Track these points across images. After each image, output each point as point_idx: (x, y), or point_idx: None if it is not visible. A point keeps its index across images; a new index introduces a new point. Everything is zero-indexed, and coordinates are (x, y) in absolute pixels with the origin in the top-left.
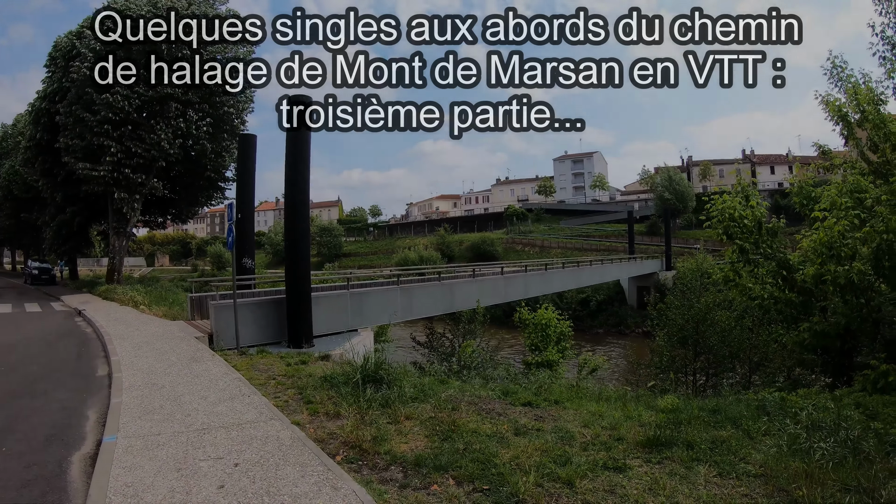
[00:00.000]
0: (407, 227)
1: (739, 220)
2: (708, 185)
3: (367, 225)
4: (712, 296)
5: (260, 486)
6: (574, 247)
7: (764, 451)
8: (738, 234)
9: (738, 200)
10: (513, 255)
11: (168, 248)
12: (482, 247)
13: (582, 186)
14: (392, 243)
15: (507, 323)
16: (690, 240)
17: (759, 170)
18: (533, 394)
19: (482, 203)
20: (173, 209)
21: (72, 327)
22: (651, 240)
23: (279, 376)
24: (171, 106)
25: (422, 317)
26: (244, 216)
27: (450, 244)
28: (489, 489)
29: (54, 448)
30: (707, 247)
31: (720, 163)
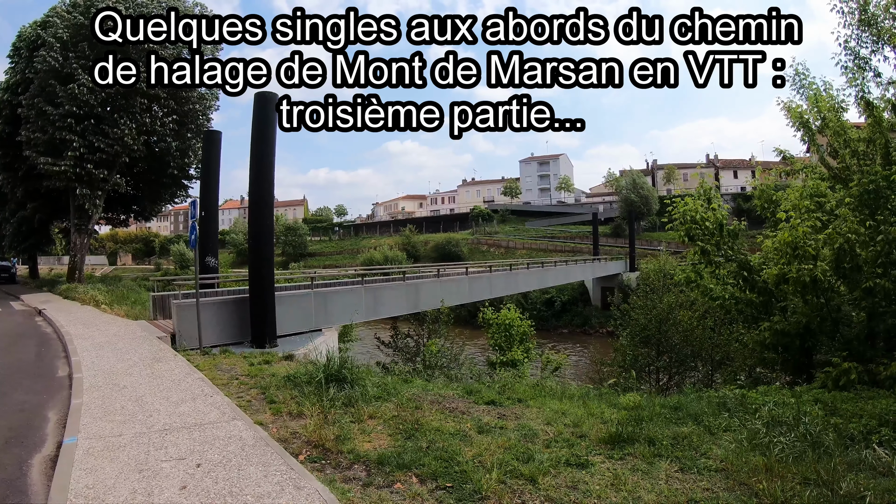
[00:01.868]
0: (373, 227)
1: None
2: (672, 188)
3: (333, 224)
4: (675, 296)
5: (223, 487)
6: (539, 248)
7: (724, 447)
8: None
9: (701, 203)
10: (478, 256)
11: (131, 246)
12: (448, 247)
13: (548, 188)
14: (358, 243)
15: (471, 323)
16: (654, 241)
17: (723, 174)
18: (496, 392)
19: (448, 203)
20: (136, 206)
21: (31, 327)
22: (615, 241)
23: (242, 376)
24: (137, 101)
25: (387, 316)
26: (208, 214)
27: (415, 244)
28: (452, 486)
29: (13, 450)
30: (670, 248)
31: (684, 167)
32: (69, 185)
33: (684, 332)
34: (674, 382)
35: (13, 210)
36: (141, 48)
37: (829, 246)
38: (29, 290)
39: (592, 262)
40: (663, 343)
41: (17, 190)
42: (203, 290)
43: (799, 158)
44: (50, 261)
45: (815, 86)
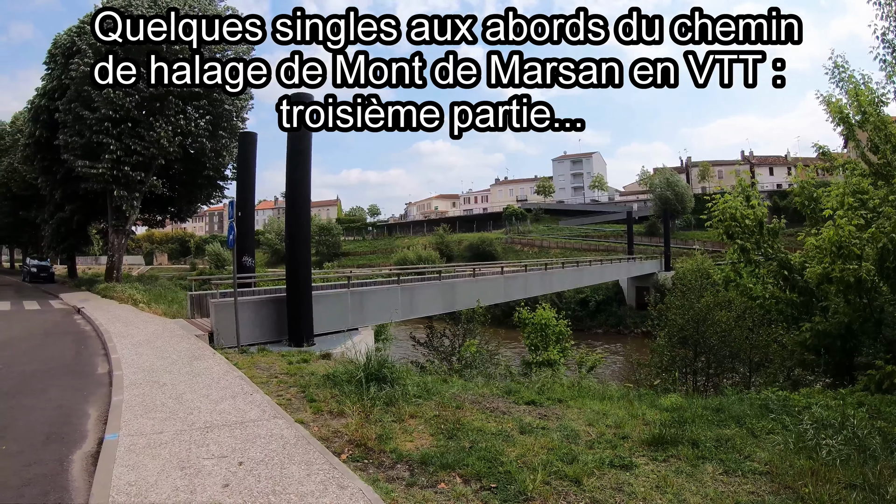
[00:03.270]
0: (406, 227)
1: (741, 220)
2: (707, 186)
3: (366, 224)
4: (712, 296)
5: (265, 485)
6: (573, 247)
7: (769, 449)
8: (740, 234)
9: (740, 201)
10: (512, 255)
11: (167, 246)
12: (481, 246)
13: (581, 187)
14: (391, 243)
15: (506, 322)
16: (689, 240)
17: (758, 171)
18: (536, 392)
19: (481, 203)
20: (172, 207)
21: (70, 325)
22: (650, 240)
23: (281, 374)
24: (171, 103)
25: (422, 316)
26: (245, 214)
27: (449, 244)
28: (497, 487)
29: (55, 446)
30: (705, 247)
31: (719, 164)
32: (107, 187)
33: (722, 333)
34: (711, 384)
35: (52, 212)
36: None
37: (872, 245)
38: (67, 289)
39: (627, 262)
40: (701, 344)
41: (55, 192)
42: (240, 289)
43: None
44: (87, 261)
45: (855, 79)
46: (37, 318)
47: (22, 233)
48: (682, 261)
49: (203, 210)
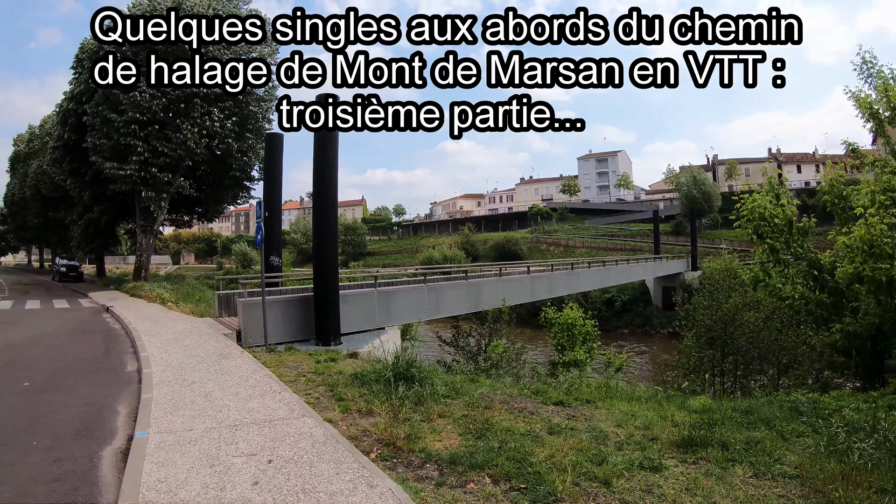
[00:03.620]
0: (431, 227)
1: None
2: (734, 184)
3: (391, 224)
4: (740, 296)
5: (295, 483)
6: (599, 246)
7: (799, 452)
8: (769, 234)
9: (769, 199)
10: (537, 255)
11: (193, 246)
12: (507, 246)
13: (606, 186)
14: (416, 242)
15: (531, 322)
16: (716, 240)
17: (786, 169)
18: (564, 393)
19: (506, 202)
20: (199, 208)
21: (99, 323)
22: (676, 240)
23: (309, 373)
24: (197, 105)
25: (448, 315)
26: (272, 214)
27: (474, 243)
28: (526, 488)
29: (85, 442)
30: (733, 247)
31: (746, 162)
32: (135, 189)
33: (750, 334)
34: (738, 386)
35: (81, 212)
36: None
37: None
38: (96, 288)
39: (654, 261)
40: (729, 345)
41: (84, 193)
42: (268, 288)
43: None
44: (115, 260)
45: (884, 74)
46: (66, 317)
47: (51, 233)
48: (709, 260)
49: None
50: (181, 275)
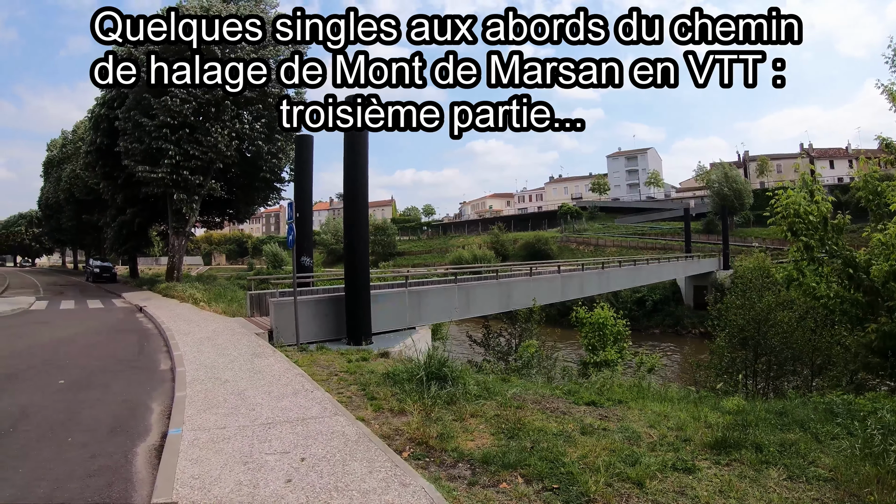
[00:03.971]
0: (460, 226)
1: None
2: (765, 181)
3: (421, 224)
4: (773, 295)
5: (328, 481)
6: (629, 245)
7: (834, 455)
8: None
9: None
10: (567, 254)
11: (225, 247)
12: (536, 245)
13: (636, 184)
14: (446, 242)
15: (562, 322)
16: (748, 238)
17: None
18: (596, 393)
19: (535, 201)
20: (230, 209)
21: (133, 323)
22: (708, 238)
23: (341, 372)
24: (227, 108)
25: (479, 315)
26: (303, 215)
27: (504, 243)
28: (559, 488)
29: (119, 439)
30: (765, 245)
31: (777, 157)
32: (166, 191)
33: (784, 334)
34: (771, 387)
35: (114, 215)
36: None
37: None
38: (129, 288)
39: (685, 260)
40: (762, 345)
41: (117, 196)
42: (299, 288)
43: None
44: (148, 261)
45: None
46: (101, 317)
47: (85, 235)
48: (741, 259)
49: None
50: (213, 275)
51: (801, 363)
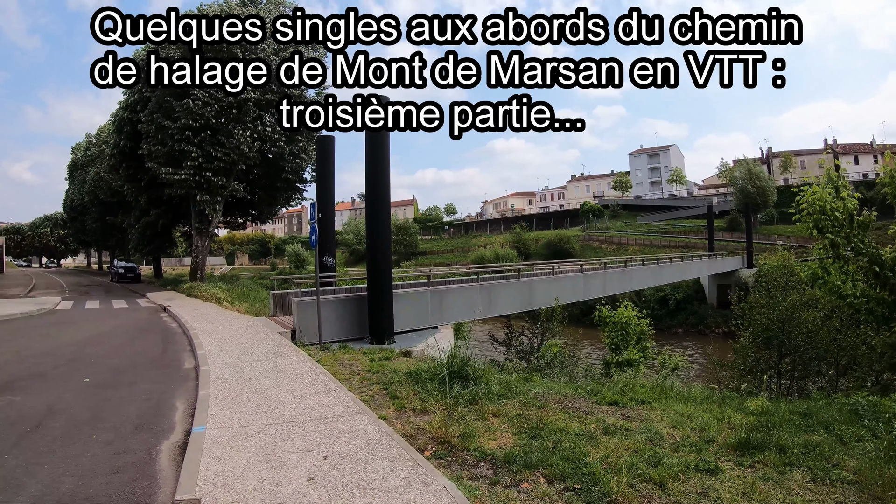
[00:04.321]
0: (482, 225)
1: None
2: (789, 177)
3: (443, 223)
4: (798, 294)
5: (350, 480)
6: (652, 243)
7: (858, 458)
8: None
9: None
10: (590, 253)
11: (247, 247)
12: (559, 244)
13: (659, 181)
14: (467, 241)
15: (584, 321)
16: (772, 236)
17: (843, 160)
18: (618, 393)
19: (557, 200)
20: (253, 210)
21: (157, 322)
22: (731, 236)
23: (363, 371)
24: (249, 110)
25: (501, 314)
26: (325, 216)
27: (526, 242)
28: (581, 488)
29: (144, 436)
30: (789, 243)
31: (801, 153)
32: (190, 193)
33: (808, 334)
34: (795, 387)
35: (138, 216)
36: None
37: None
38: (153, 288)
39: (708, 259)
40: (786, 345)
41: (140, 198)
42: (322, 287)
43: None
44: (172, 261)
45: None
46: (125, 316)
47: (109, 236)
48: (764, 257)
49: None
50: (236, 275)
51: (826, 363)
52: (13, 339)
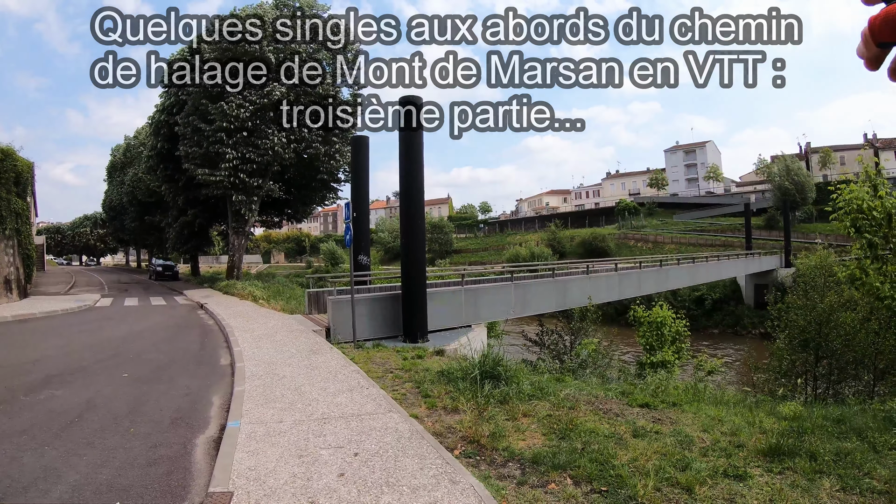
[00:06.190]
0: (517, 223)
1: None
2: (828, 173)
3: (478, 222)
4: (836, 295)
5: (379, 476)
6: (688, 242)
7: (890, 466)
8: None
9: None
10: (625, 251)
11: (283, 245)
12: (594, 242)
13: (695, 178)
14: (502, 239)
15: (618, 320)
16: (811, 234)
17: (883, 156)
18: (650, 395)
19: (592, 198)
20: (289, 209)
21: (194, 319)
22: (769, 234)
23: (396, 370)
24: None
25: (534, 314)
26: (360, 215)
27: (560, 240)
28: (607, 490)
29: (180, 430)
30: (829, 241)
31: (840, 149)
32: (226, 193)
33: (846, 337)
34: (831, 392)
35: (175, 216)
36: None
37: None
38: (191, 286)
39: (745, 258)
40: (823, 348)
41: (178, 198)
42: (357, 286)
43: None
44: (209, 260)
45: None
46: (163, 313)
47: (148, 235)
48: (803, 256)
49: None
50: (272, 273)
51: (864, 367)
52: (54, 335)
